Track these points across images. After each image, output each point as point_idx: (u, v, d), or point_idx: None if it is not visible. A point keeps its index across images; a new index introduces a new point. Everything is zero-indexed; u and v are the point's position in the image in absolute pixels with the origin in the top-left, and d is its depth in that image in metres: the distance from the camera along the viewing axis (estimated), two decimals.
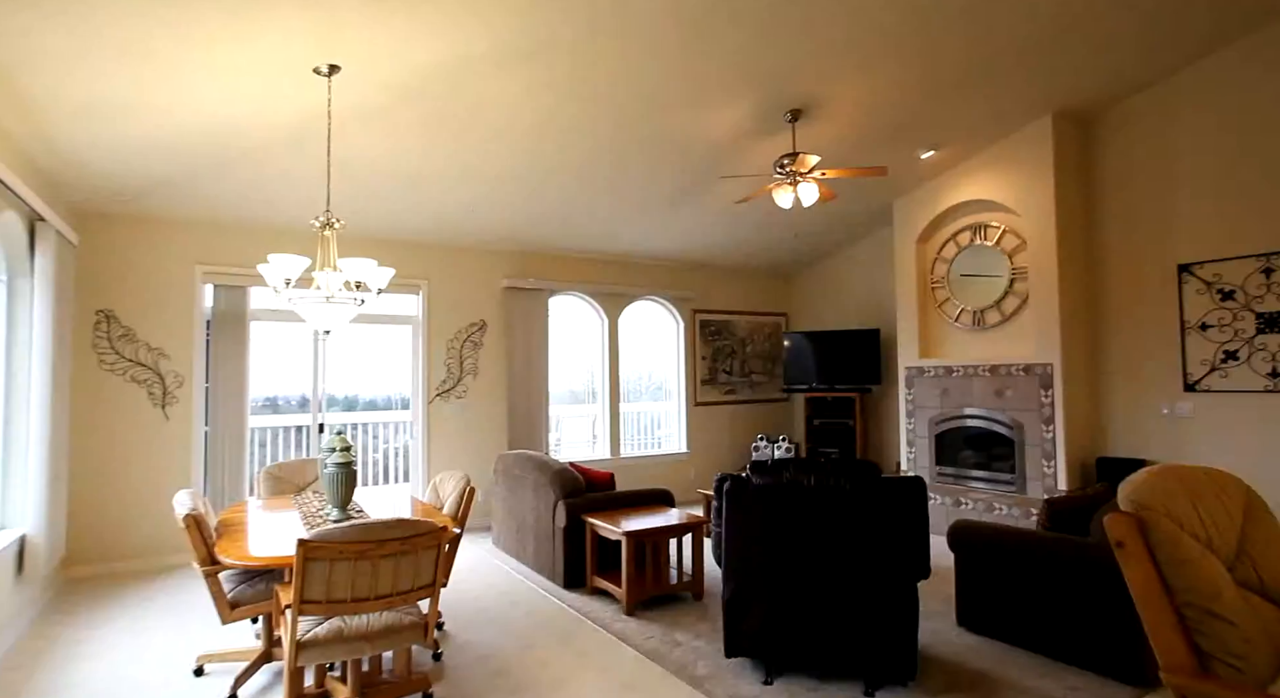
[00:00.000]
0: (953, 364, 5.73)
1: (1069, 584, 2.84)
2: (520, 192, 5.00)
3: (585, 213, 5.53)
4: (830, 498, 2.43)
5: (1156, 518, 0.99)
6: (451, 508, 3.00)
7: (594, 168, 4.77)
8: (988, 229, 5.59)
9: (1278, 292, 4.35)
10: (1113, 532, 1.05)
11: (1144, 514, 1.00)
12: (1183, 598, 0.91)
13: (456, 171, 4.57)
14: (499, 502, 4.90)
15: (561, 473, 4.09)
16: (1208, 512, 1.03)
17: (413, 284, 5.67)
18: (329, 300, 2.74)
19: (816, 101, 4.27)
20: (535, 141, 4.29)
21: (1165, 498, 1.00)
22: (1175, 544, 0.94)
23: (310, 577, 2.00)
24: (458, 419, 5.79)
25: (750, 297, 7.75)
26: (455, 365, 5.81)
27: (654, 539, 3.61)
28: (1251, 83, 4.43)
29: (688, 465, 7.12)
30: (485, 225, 5.54)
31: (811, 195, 4.31)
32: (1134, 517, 1.01)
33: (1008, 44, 3.92)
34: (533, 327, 6.12)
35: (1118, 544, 1.03)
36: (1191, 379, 4.72)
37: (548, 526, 4.12)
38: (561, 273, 6.43)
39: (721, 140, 4.60)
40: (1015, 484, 5.27)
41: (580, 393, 6.77)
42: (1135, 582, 0.99)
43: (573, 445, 6.66)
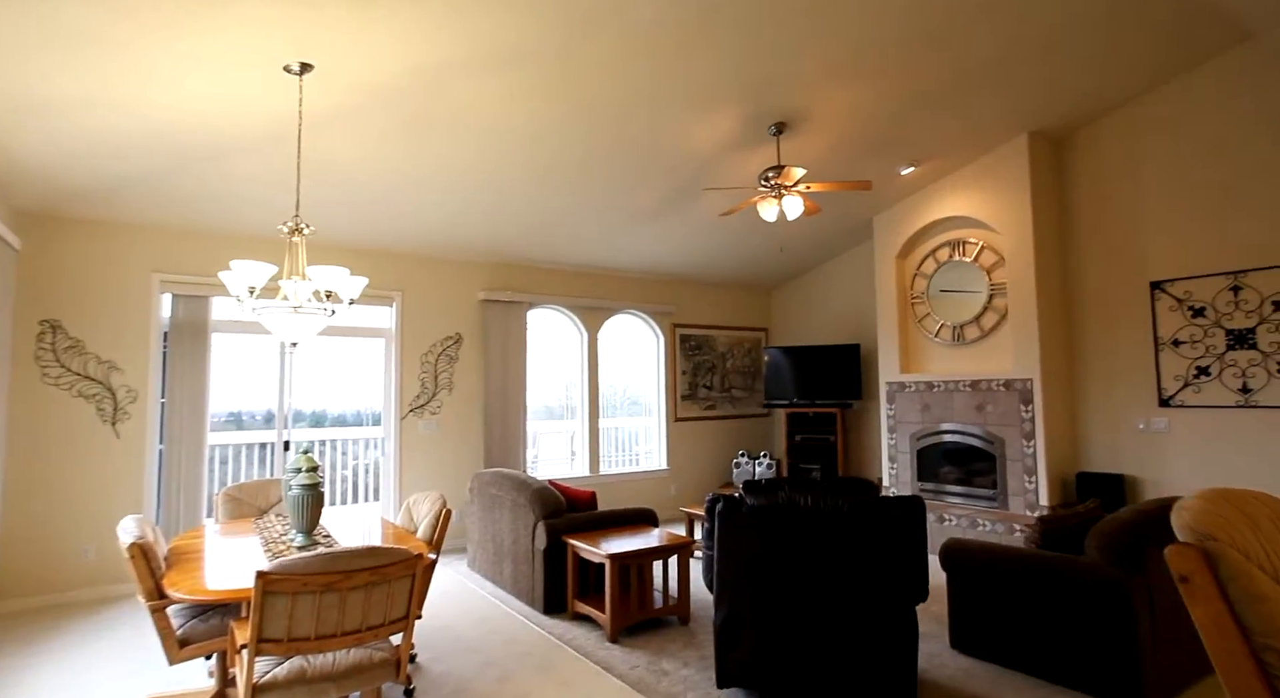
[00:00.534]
0: (933, 379, 5.72)
1: (1065, 604, 2.77)
2: (499, 201, 4.87)
3: (565, 224, 5.41)
4: (827, 519, 2.32)
5: (1224, 550, 0.90)
6: (426, 532, 2.82)
7: (575, 178, 4.67)
8: (966, 245, 5.61)
9: (1246, 309, 4.41)
10: (1178, 566, 0.95)
11: (1209, 546, 0.91)
12: (1261, 641, 0.82)
13: (433, 179, 4.42)
14: (475, 522, 4.71)
15: (541, 492, 3.93)
16: (1268, 540, 0.95)
17: (386, 295, 5.48)
18: (296, 311, 2.56)
19: (801, 114, 4.23)
20: (516, 149, 4.17)
21: (1228, 526, 0.91)
22: (1249, 579, 0.85)
23: (269, 613, 1.82)
24: (432, 436, 5.59)
25: (730, 311, 7.69)
26: (430, 380, 5.61)
27: (639, 562, 3.47)
28: (1215, 106, 4.52)
29: (668, 482, 6.99)
30: (462, 235, 5.39)
31: (796, 209, 4.26)
32: (1199, 549, 0.92)
33: (985, 63, 3.95)
34: (510, 340, 5.96)
35: (1181, 580, 0.94)
36: (1166, 395, 4.75)
37: (526, 547, 3.95)
38: (540, 285, 6.29)
39: (706, 152, 4.53)
40: (997, 500, 5.24)
41: (557, 409, 6.61)
42: (1205, 623, 0.90)
43: (550, 463, 6.48)
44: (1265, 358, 4.32)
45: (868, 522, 2.31)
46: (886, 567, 2.30)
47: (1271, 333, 4.31)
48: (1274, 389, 4.28)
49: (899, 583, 2.32)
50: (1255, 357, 4.36)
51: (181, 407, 4.51)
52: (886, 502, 2.35)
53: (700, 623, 3.64)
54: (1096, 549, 2.68)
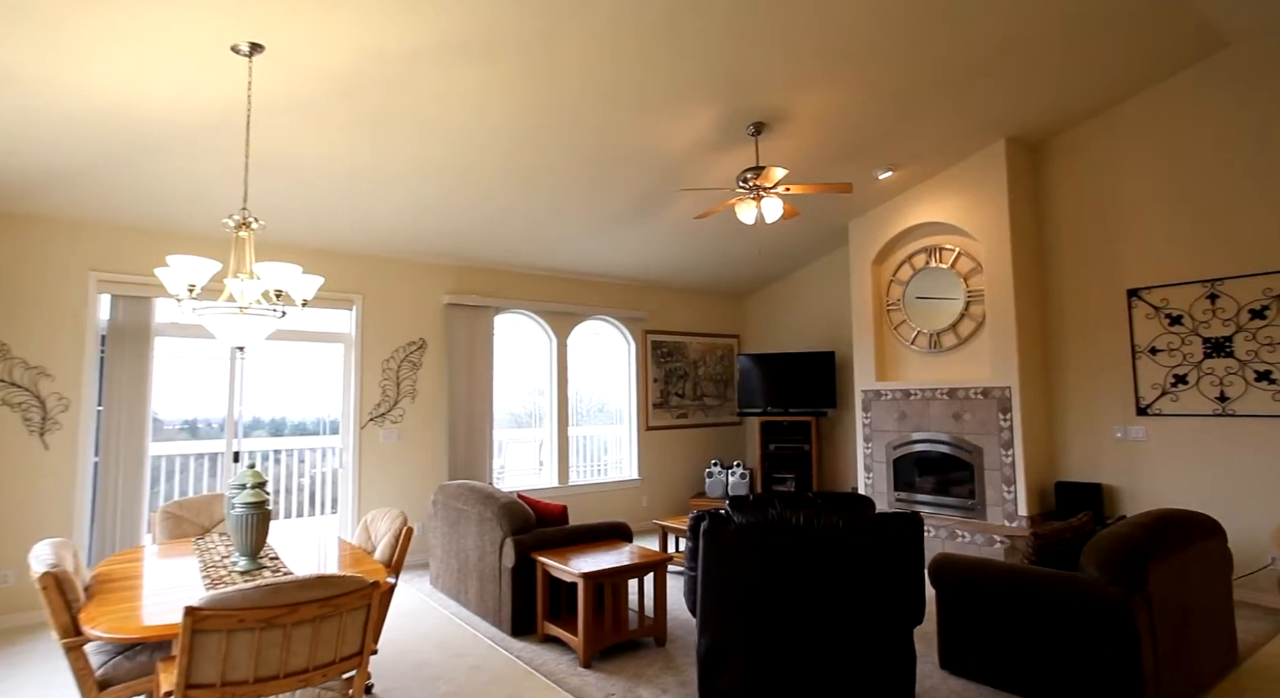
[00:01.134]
0: (910, 387, 5.65)
1: (1063, 624, 2.66)
2: (466, 201, 4.65)
3: (535, 225, 5.21)
4: (822, 538, 2.16)
5: None
6: (385, 552, 2.59)
7: (546, 177, 4.48)
8: (943, 251, 5.57)
9: (1223, 317, 4.43)
10: None
11: None
12: None
13: (398, 177, 4.19)
14: (438, 537, 4.45)
15: (509, 506, 3.71)
16: None
17: (345, 299, 5.20)
18: (243, 312, 2.32)
19: (780, 115, 4.12)
20: (484, 148, 3.97)
21: None
22: None
23: (200, 654, 1.59)
24: (393, 446, 5.31)
25: (703, 317, 7.56)
26: (391, 387, 5.34)
27: (614, 580, 3.27)
28: (1191, 115, 4.55)
29: (639, 493, 6.80)
30: (427, 237, 5.14)
31: (776, 211, 4.13)
32: None
33: (965, 66, 3.89)
34: (476, 346, 5.72)
35: None
36: (1144, 403, 4.74)
37: (493, 565, 3.72)
38: (508, 289, 6.07)
39: (682, 152, 4.39)
40: (975, 510, 5.18)
41: (524, 417, 6.37)
42: None
43: (518, 473, 6.24)
44: (1242, 366, 4.33)
45: (864, 540, 2.16)
46: (884, 588, 2.15)
47: (1248, 341, 4.32)
48: (1251, 398, 4.29)
49: (896, 605, 2.17)
50: (1233, 365, 4.37)
51: (120, 415, 4.17)
52: (884, 519, 2.21)
53: (678, 645, 3.45)
54: (1096, 566, 2.57)
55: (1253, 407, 4.28)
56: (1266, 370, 4.24)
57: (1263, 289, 4.28)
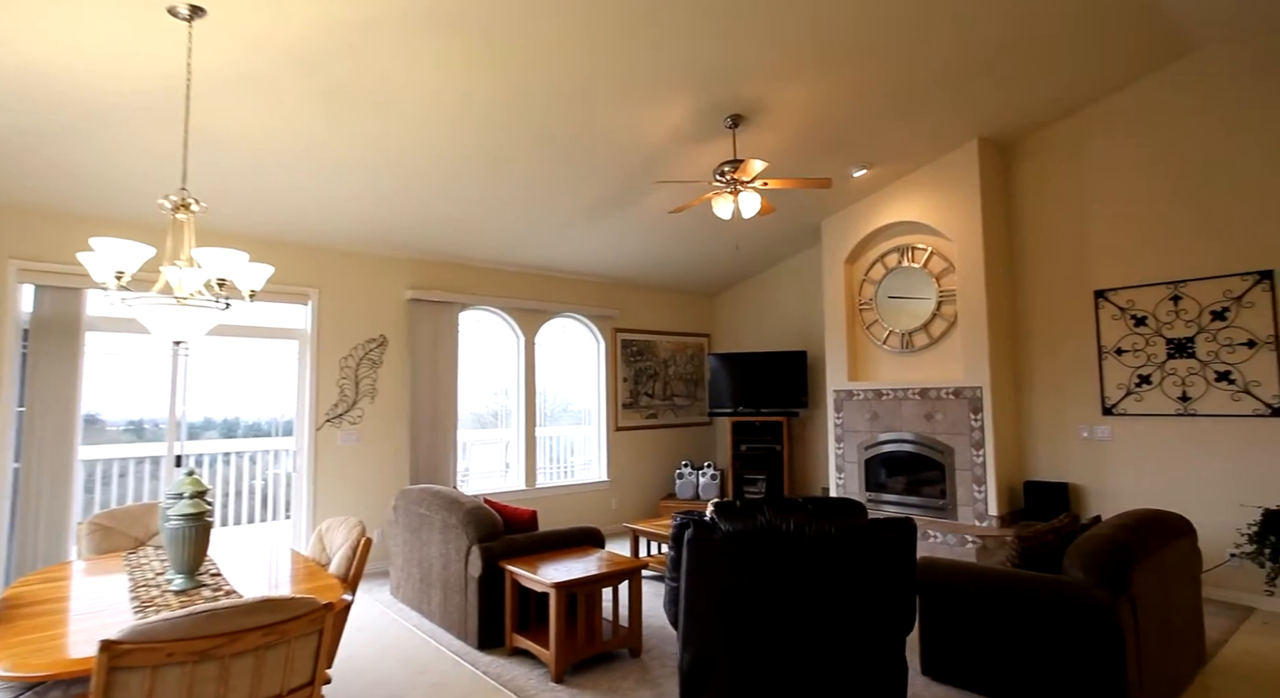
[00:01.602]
0: (882, 387, 5.62)
1: (1047, 627, 2.60)
2: (430, 190, 4.42)
3: (503, 218, 5.01)
4: (812, 545, 2.05)
5: None
6: (341, 565, 2.38)
7: (515, 167, 4.29)
8: (915, 251, 5.55)
9: (1185, 318, 4.48)
10: None
11: None
12: None
13: (355, 161, 3.95)
14: (399, 545, 4.23)
15: (475, 512, 3.51)
16: None
17: (300, 292, 4.91)
18: (181, 303, 2.09)
19: (758, 108, 4.01)
20: (449, 132, 3.76)
21: None
22: None
23: (120, 694, 1.38)
24: (351, 448, 5.04)
25: (673, 316, 7.44)
26: (350, 387, 5.07)
27: (588, 590, 3.11)
28: (1157, 119, 4.60)
29: (608, 495, 6.64)
30: (388, 228, 4.89)
31: (753, 206, 4.02)
32: None
33: (941, 64, 3.86)
34: (441, 344, 5.48)
35: None
36: (1109, 403, 4.79)
37: (459, 574, 3.52)
38: (474, 285, 5.84)
39: (658, 144, 4.25)
40: (946, 510, 5.17)
41: (490, 417, 6.15)
42: None
43: (483, 476, 6.02)
44: (1203, 367, 4.39)
45: (857, 548, 2.05)
46: (877, 597, 2.04)
47: (1209, 342, 4.38)
48: (1212, 398, 4.35)
49: (890, 614, 2.07)
50: (1194, 365, 4.43)
51: (44, 417, 3.84)
52: (877, 525, 2.10)
53: (654, 656, 3.31)
54: (1081, 569, 2.52)
55: (1213, 407, 4.34)
56: (1226, 371, 4.30)
57: (1223, 291, 4.34)
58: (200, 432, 4.65)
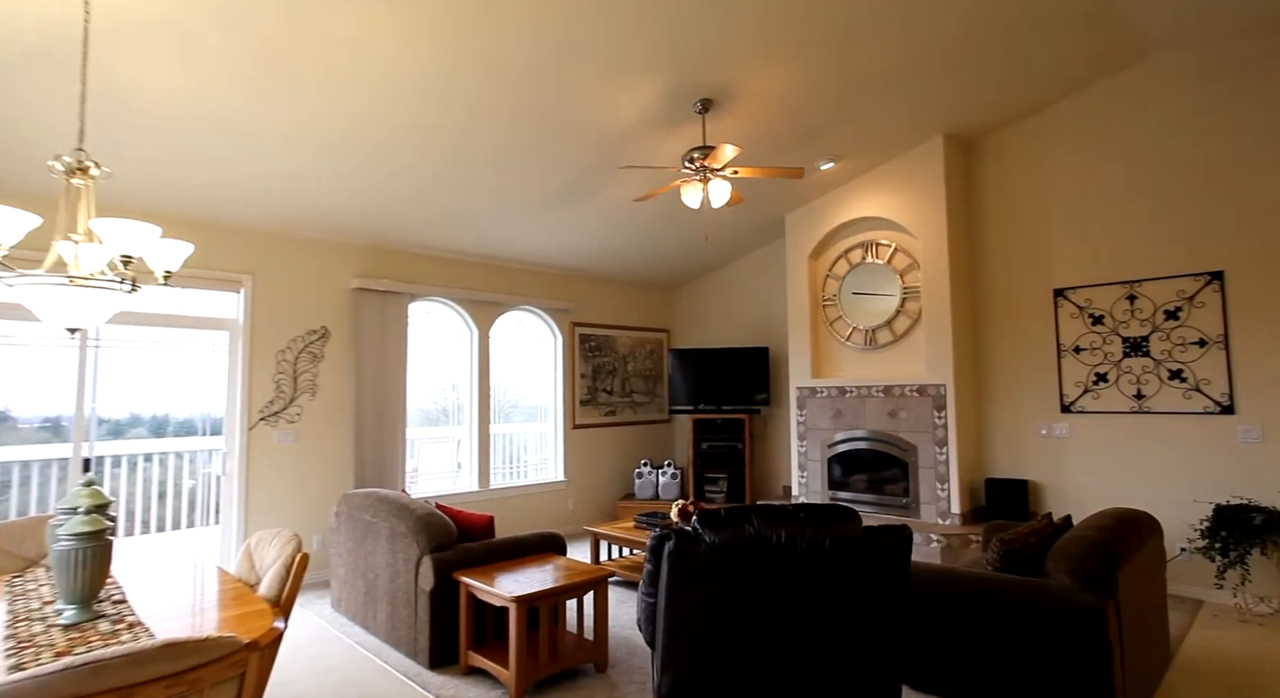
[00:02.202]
0: (846, 384, 5.56)
1: (1030, 633, 2.52)
2: (378, 170, 4.10)
3: (457, 204, 4.71)
4: (805, 558, 1.88)
5: None
6: (272, 586, 2.10)
7: (472, 148, 4.01)
8: (879, 247, 5.50)
9: (1140, 318, 4.54)
10: None
11: None
12: None
13: (295, 135, 3.60)
14: (342, 553, 3.91)
15: (427, 519, 3.24)
16: None
17: (231, 279, 4.51)
18: (74, 284, 1.78)
19: (729, 92, 3.85)
20: (398, 105, 3.47)
21: None
22: None
23: None
24: (289, 448, 4.67)
25: (632, 311, 7.24)
26: (288, 382, 4.70)
27: (551, 602, 2.89)
28: (1111, 122, 4.65)
29: (565, 495, 6.41)
30: (332, 211, 4.54)
31: (723, 195, 3.86)
32: None
33: (912, 56, 3.80)
34: (389, 336, 5.14)
35: None
36: (1067, 401, 4.82)
37: (408, 587, 3.25)
38: (425, 274, 5.51)
39: (624, 127, 4.04)
40: (910, 508, 5.14)
41: (438, 413, 5.84)
42: None
43: (433, 477, 5.70)
44: (1157, 365, 4.46)
45: (853, 559, 1.89)
46: (875, 613, 1.89)
47: (1163, 341, 4.45)
48: (1165, 396, 4.41)
49: (888, 632, 1.92)
50: (1149, 364, 4.49)
51: None
52: (874, 534, 1.95)
53: (622, 670, 3.12)
54: (1067, 573, 2.44)
55: (1166, 404, 4.41)
56: (1179, 369, 4.37)
57: (1176, 291, 4.41)
58: (126, 430, 4.23)
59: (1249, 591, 4.00)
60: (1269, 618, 3.84)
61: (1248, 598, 4.00)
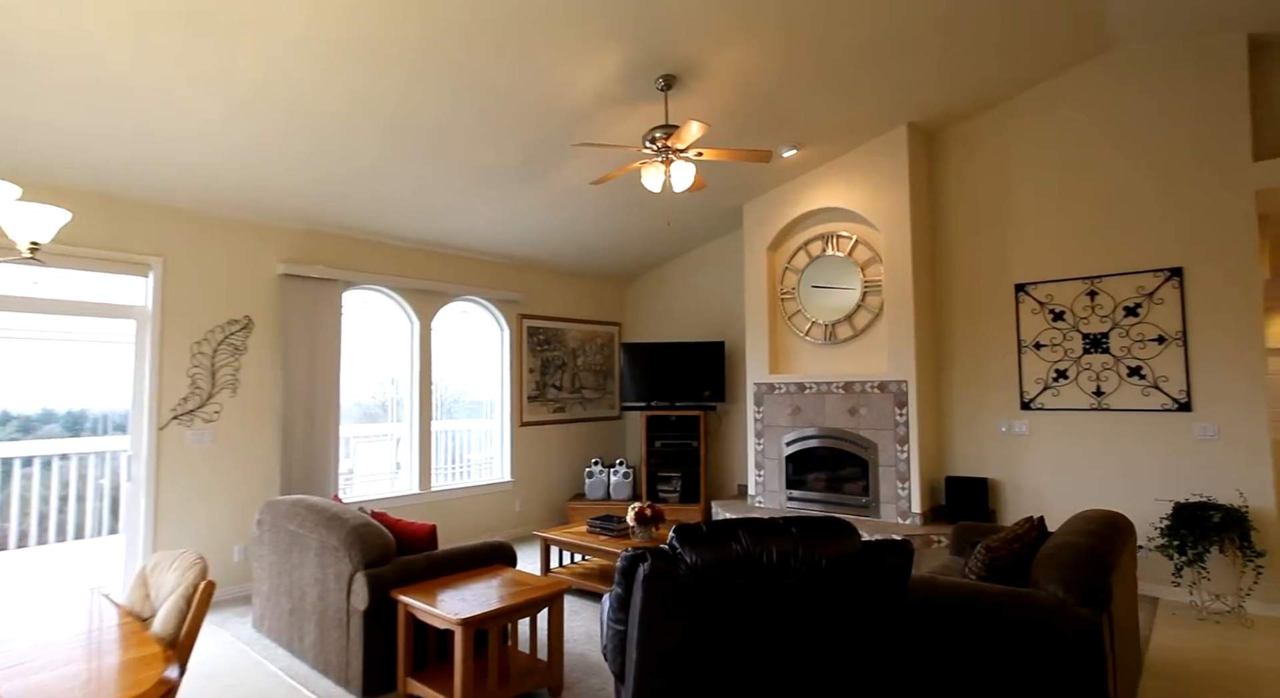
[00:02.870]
0: (805, 380, 5.42)
1: (1017, 647, 2.37)
2: (309, 144, 3.69)
3: (398, 185, 4.32)
4: (800, 579, 1.66)
5: None
6: (168, 622, 1.74)
7: (413, 122, 3.64)
8: (839, 239, 5.37)
9: (1100, 314, 4.54)
10: None
11: None
12: None
13: (210, 100, 3.17)
14: (265, 567, 3.50)
15: (362, 532, 2.89)
16: None
17: (138, 261, 4.01)
18: None
19: (692, 69, 3.60)
20: (331, 70, 3.08)
21: None
22: None
23: None
24: (206, 450, 4.20)
25: (582, 303, 6.95)
26: (204, 377, 4.22)
27: (502, 623, 2.60)
28: (1073, 115, 4.63)
29: (512, 496, 6.08)
30: (256, 188, 4.08)
31: (686, 177, 3.61)
32: None
33: (880, 38, 3.66)
34: (321, 327, 4.71)
35: None
36: (1027, 398, 4.80)
37: (339, 606, 2.89)
38: (361, 260, 5.09)
39: (581, 104, 3.74)
40: (870, 508, 5.03)
41: (376, 408, 5.42)
42: None
43: (370, 479, 5.29)
44: (1116, 362, 4.46)
45: (855, 579, 1.68)
46: (876, 641, 1.68)
47: (1122, 338, 4.45)
48: (1124, 393, 4.42)
49: (890, 661, 1.72)
50: (1108, 360, 4.49)
51: None
52: (874, 550, 1.74)
53: (577, 694, 2.84)
54: (1060, 585, 2.30)
55: (1125, 401, 4.42)
56: (1138, 366, 4.38)
57: (1136, 287, 4.41)
58: (38, 426, 3.73)
59: (1204, 588, 4.03)
60: (1225, 616, 3.87)
61: (1204, 596, 4.03)
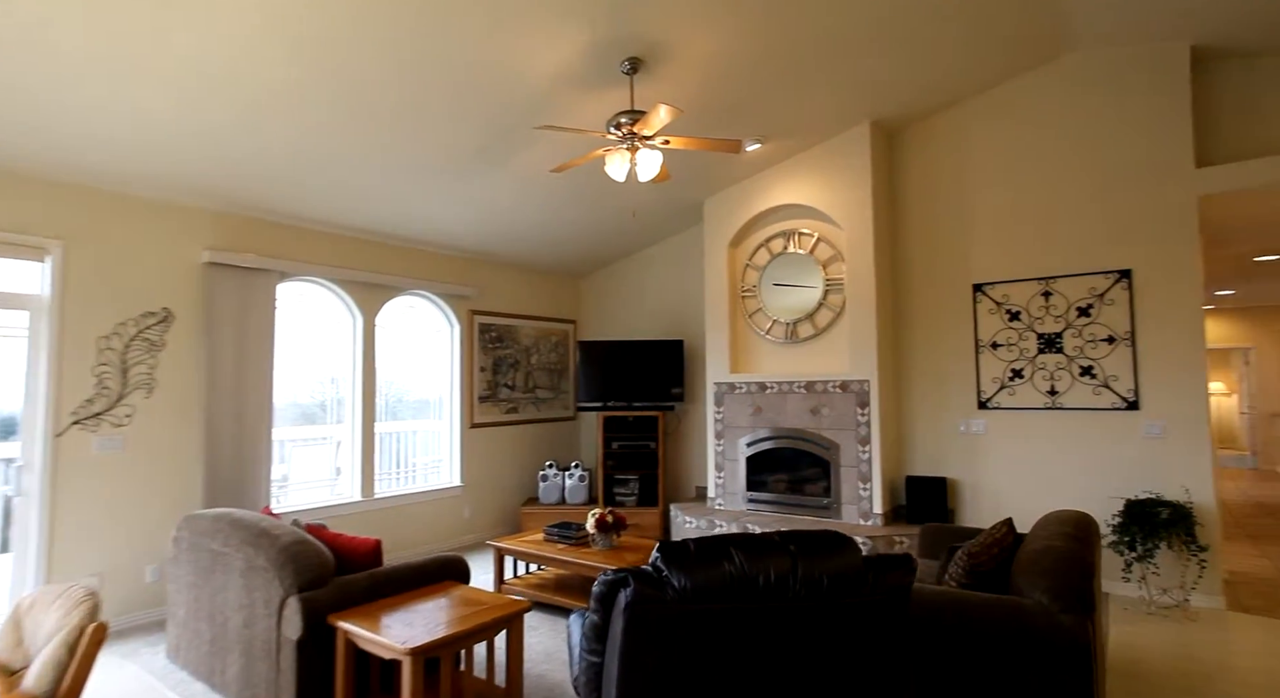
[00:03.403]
0: (766, 380, 5.31)
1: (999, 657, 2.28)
2: (238, 118, 3.33)
3: (339, 167, 3.99)
4: (801, 600, 1.49)
5: None
6: (44, 677, 1.44)
7: (357, 98, 3.33)
8: (800, 236, 5.29)
9: (1054, 314, 4.58)
10: None
11: None
12: None
13: (120, 64, 2.79)
14: (182, 590, 3.14)
15: (294, 550, 2.59)
16: None
17: (32, 245, 3.56)
18: None
19: (659, 53, 3.42)
20: (268, 37, 2.76)
21: None
22: None
23: None
24: (114, 458, 3.77)
25: (536, 299, 6.68)
26: (114, 375, 3.79)
27: (455, 649, 2.35)
28: (1029, 117, 4.66)
29: (461, 502, 5.78)
30: (176, 166, 3.68)
31: (653, 166, 3.43)
32: None
33: (847, 30, 3.57)
34: (251, 322, 4.32)
35: None
36: (985, 397, 4.81)
37: (268, 635, 2.59)
38: (298, 250, 4.70)
39: (541, 86, 3.51)
40: (831, 509, 4.96)
41: (314, 409, 5.04)
42: None
43: (307, 486, 4.91)
44: (1070, 362, 4.51)
45: (859, 599, 1.52)
46: (882, 667, 1.53)
47: (1075, 338, 4.50)
48: (1076, 392, 4.47)
49: (897, 685, 1.57)
50: (1062, 360, 4.53)
51: None
52: (877, 565, 1.59)
53: None
54: (1045, 592, 2.22)
55: (1077, 400, 4.47)
56: (1089, 366, 4.44)
57: (1089, 288, 4.47)
58: None
59: (1152, 583, 4.10)
60: (1172, 610, 3.93)
61: (1152, 591, 4.10)
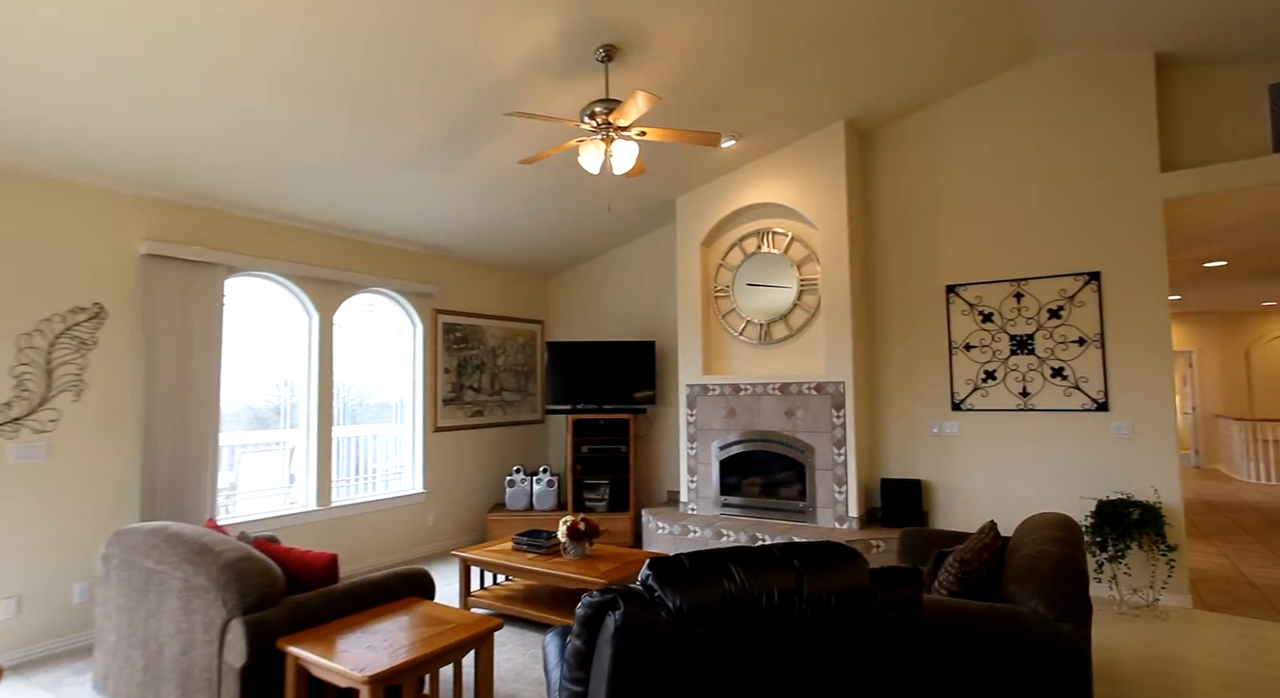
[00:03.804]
0: (740, 381, 5.21)
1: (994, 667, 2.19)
2: (184, 97, 3.07)
3: (295, 154, 3.74)
4: (807, 621, 1.36)
5: None
6: None
7: (314, 79, 3.11)
8: (774, 236, 5.21)
9: (1026, 315, 4.59)
10: None
11: None
12: None
13: (46, 31, 2.53)
14: (112, 613, 2.86)
15: (239, 566, 2.36)
16: None
17: None
18: None
19: (635, 41, 3.29)
20: (217, 13, 2.53)
21: None
22: None
23: None
24: (36, 468, 3.45)
25: (503, 298, 6.47)
26: (36, 377, 3.47)
27: (419, 675, 2.16)
28: (1001, 119, 4.67)
29: (425, 510, 5.53)
30: (111, 146, 3.39)
31: (629, 158, 3.28)
32: None
33: (826, 23, 3.47)
34: (196, 319, 4.02)
35: None
36: (958, 399, 4.79)
37: (208, 662, 2.35)
38: (249, 242, 4.42)
39: (512, 72, 3.33)
40: (807, 513, 4.88)
41: (268, 412, 4.75)
42: None
43: (258, 495, 4.61)
44: (1041, 363, 4.51)
45: (868, 617, 1.39)
46: (895, 684, 1.41)
47: (1046, 339, 4.51)
48: (1048, 393, 4.47)
49: None
50: (1033, 362, 4.54)
51: None
52: (885, 579, 1.47)
53: None
54: (1041, 599, 2.14)
55: (1049, 401, 4.47)
56: (1060, 367, 4.45)
57: (1059, 290, 4.48)
58: None
59: (1123, 583, 4.11)
60: (1143, 610, 3.94)
61: (1123, 591, 4.11)
